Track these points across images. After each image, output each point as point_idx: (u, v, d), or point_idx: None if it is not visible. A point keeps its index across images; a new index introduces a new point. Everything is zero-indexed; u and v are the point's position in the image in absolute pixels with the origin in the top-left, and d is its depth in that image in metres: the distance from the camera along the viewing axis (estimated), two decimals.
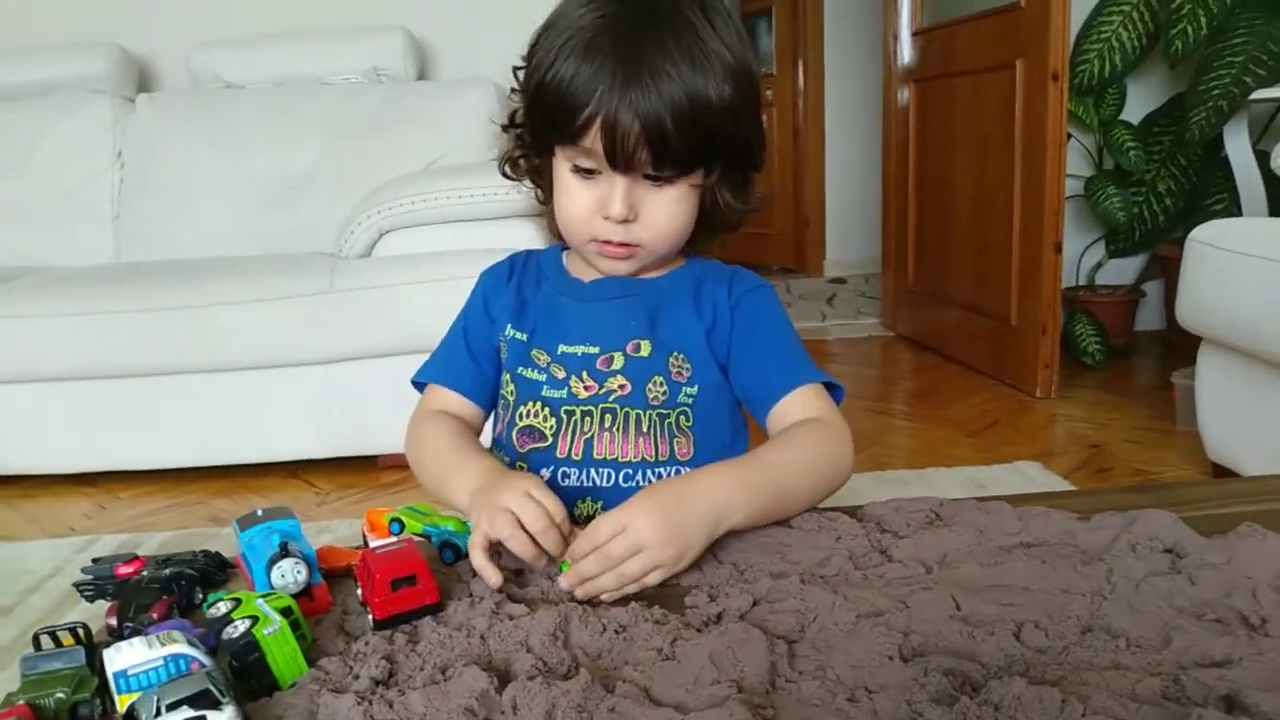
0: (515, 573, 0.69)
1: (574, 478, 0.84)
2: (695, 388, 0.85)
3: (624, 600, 0.62)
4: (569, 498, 0.81)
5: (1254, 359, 1.61)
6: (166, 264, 2.40)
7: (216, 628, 0.56)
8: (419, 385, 0.94)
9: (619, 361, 0.85)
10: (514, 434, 0.86)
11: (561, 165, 0.81)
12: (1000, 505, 0.73)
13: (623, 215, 0.78)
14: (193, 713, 0.47)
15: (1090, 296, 2.89)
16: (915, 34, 3.23)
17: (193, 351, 2.11)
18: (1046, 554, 0.64)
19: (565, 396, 0.85)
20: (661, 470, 0.85)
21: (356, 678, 0.54)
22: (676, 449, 0.85)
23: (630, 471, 0.84)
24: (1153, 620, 0.55)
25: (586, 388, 0.85)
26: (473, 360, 0.91)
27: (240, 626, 0.55)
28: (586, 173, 0.79)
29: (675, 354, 0.85)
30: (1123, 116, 2.84)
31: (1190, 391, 1.90)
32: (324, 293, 2.11)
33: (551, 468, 0.84)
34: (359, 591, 0.64)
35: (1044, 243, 2.48)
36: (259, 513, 0.70)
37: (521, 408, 0.86)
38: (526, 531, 0.66)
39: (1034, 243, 2.52)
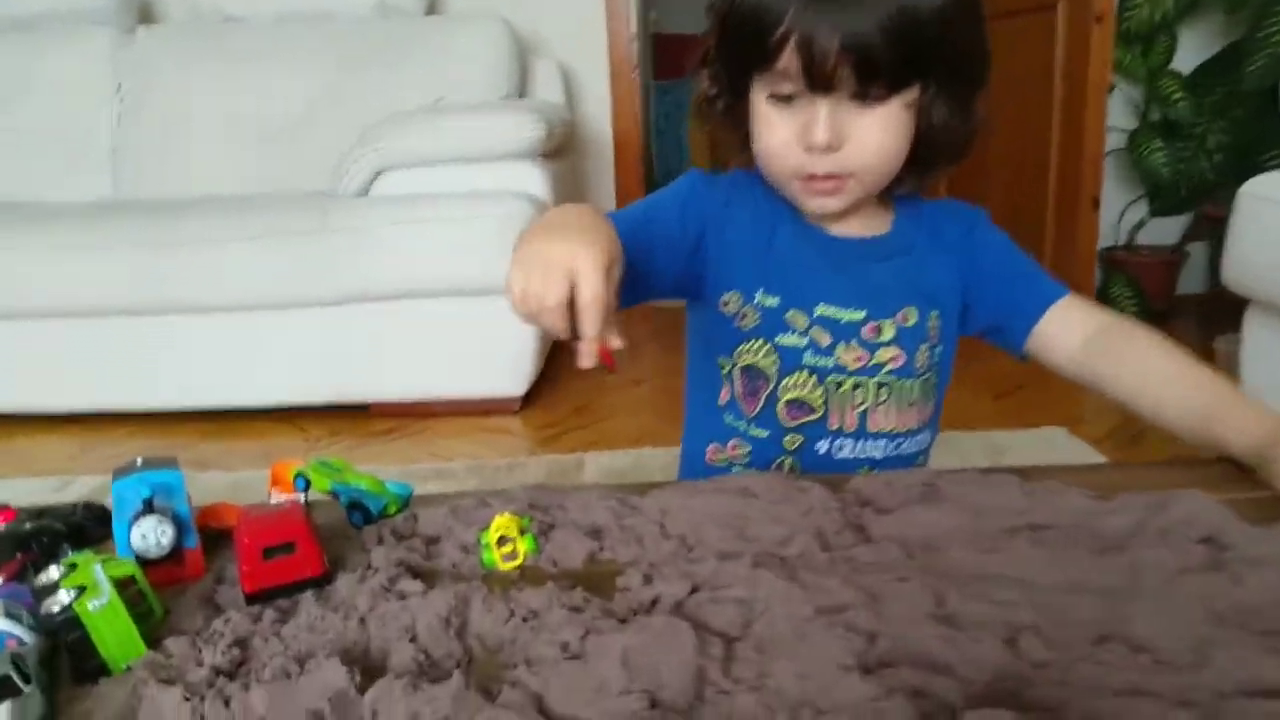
0: (428, 541, 0.59)
1: (849, 449, 0.81)
2: (942, 346, 0.83)
3: (542, 580, 0.52)
4: (845, 469, 0.78)
5: None
6: (156, 201, 2.33)
7: (41, 598, 0.47)
8: None
9: (889, 331, 0.81)
10: (779, 407, 0.80)
11: (759, 96, 0.74)
12: (1006, 478, 0.62)
13: (826, 142, 0.71)
14: None
15: (1129, 257, 2.72)
16: None
17: (180, 291, 2.04)
18: (1056, 540, 0.53)
19: (832, 366, 0.80)
20: (922, 436, 0.84)
21: (199, 664, 0.45)
22: (929, 412, 0.84)
23: (901, 440, 0.82)
24: (1185, 630, 0.44)
25: (857, 358, 0.80)
26: (644, 225, 0.78)
27: (65, 598, 0.46)
28: (785, 99, 0.72)
29: (934, 314, 0.82)
30: (1172, 66, 2.65)
31: (1234, 358, 1.76)
32: (316, 232, 2.02)
33: (827, 440, 0.81)
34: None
35: (1081, 197, 2.33)
36: (139, 461, 0.60)
37: (786, 379, 0.80)
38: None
39: (1071, 197, 2.37)
